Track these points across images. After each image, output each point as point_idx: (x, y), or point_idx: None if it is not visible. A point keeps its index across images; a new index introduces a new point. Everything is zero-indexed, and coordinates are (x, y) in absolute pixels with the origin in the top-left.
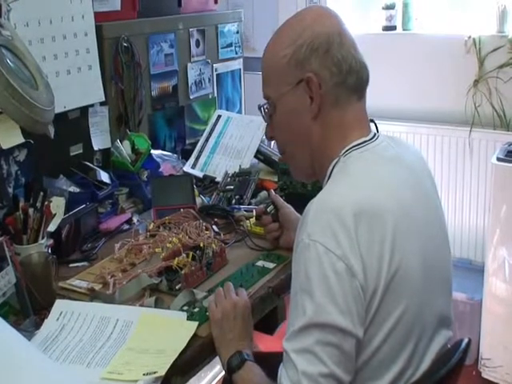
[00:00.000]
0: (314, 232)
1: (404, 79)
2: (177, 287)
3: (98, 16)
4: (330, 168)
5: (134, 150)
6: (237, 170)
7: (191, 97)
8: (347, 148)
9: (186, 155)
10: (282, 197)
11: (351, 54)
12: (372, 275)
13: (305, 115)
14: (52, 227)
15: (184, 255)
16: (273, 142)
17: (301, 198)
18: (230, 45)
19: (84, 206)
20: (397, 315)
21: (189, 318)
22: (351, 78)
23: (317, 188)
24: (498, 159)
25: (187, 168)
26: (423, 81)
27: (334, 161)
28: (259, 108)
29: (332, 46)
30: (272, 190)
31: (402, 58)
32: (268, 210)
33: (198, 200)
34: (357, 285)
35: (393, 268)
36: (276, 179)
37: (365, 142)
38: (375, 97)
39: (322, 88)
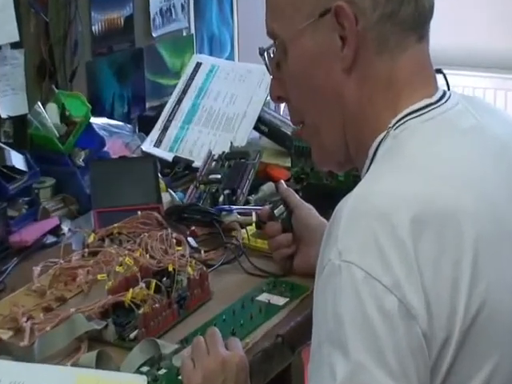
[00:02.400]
0: (349, 248)
1: (486, 8)
2: (131, 336)
3: None
4: (374, 147)
5: (64, 117)
6: (227, 150)
7: (154, 34)
8: (401, 116)
9: (145, 126)
10: (297, 192)
11: None
12: (442, 316)
13: (332, 66)
14: None
15: (143, 285)
16: (283, 106)
17: (327, 195)
18: None
19: None
20: (483, 377)
21: None
22: (407, 8)
23: (352, 178)
24: None
25: (148, 147)
26: None
27: (380, 136)
28: (261, 53)
29: None
30: (282, 182)
31: None
32: (276, 212)
33: (166, 197)
34: (417, 332)
35: (475, 304)
36: (288, 164)
37: (429, 105)
38: (442, 36)
39: (359, 23)
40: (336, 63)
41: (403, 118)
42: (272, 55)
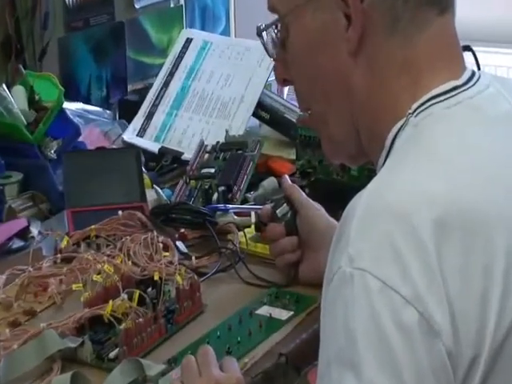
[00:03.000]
0: (362, 253)
1: None
2: (111, 355)
3: None
4: (391, 138)
5: (32, 102)
6: (222, 140)
7: (137, 5)
8: (422, 101)
9: (127, 112)
10: (303, 189)
11: None
12: (469, 332)
13: (337, 49)
14: None
15: (124, 296)
16: (287, 88)
17: (338, 192)
18: None
19: None
20: None
21: None
22: None
23: (367, 173)
24: None
25: (130, 136)
26: None
27: (398, 125)
28: (260, 32)
29: None
30: (286, 177)
31: None
32: (278, 212)
33: (151, 195)
34: (440, 350)
35: (507, 318)
36: (293, 156)
37: (455, 88)
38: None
39: (364, 0)
40: (341, 46)
41: (425, 102)
42: (275, 34)
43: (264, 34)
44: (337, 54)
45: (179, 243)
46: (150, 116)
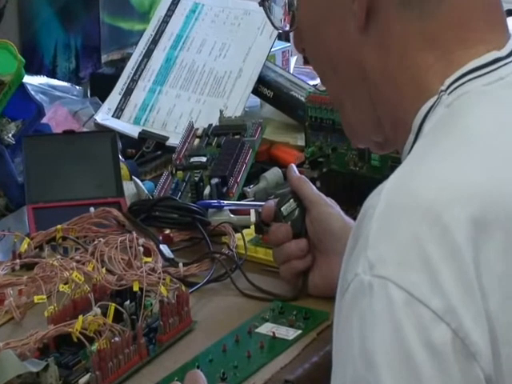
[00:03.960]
0: (384, 258)
1: None
2: (81, 381)
3: None
4: (419, 119)
5: None
6: (215, 123)
7: None
8: (457, 75)
9: (101, 89)
10: (314, 182)
11: None
12: None
13: (344, 24)
14: None
15: (97, 311)
16: (294, 60)
17: (355, 186)
18: None
19: None
20: None
21: None
22: None
23: (391, 162)
24: None
25: (105, 117)
26: None
27: (428, 104)
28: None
29: None
30: (293, 167)
31: None
32: (284, 210)
33: (129, 188)
34: (477, 375)
35: None
36: (301, 142)
37: (496, 60)
38: None
39: None
40: (349, 21)
41: (460, 78)
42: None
43: (267, 2)
44: (344, 29)
45: (163, 247)
46: (128, 93)
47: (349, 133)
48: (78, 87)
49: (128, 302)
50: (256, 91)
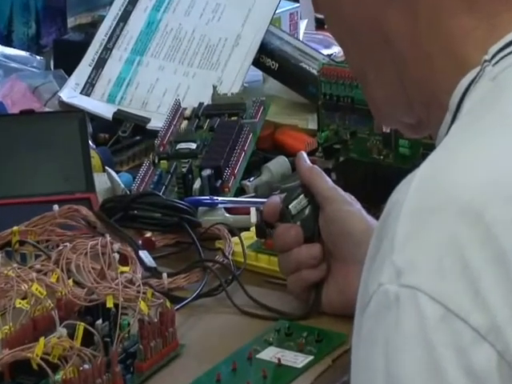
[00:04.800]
0: (413, 263)
1: None
2: None
3: None
4: (458, 95)
5: None
6: (208, 101)
7: None
8: (503, 43)
9: (67, 59)
10: (328, 173)
11: None
12: None
13: None
14: None
15: (63, 331)
16: (304, 23)
17: (379, 178)
18: None
19: None
20: None
21: None
22: None
23: (423, 149)
24: None
25: (71, 94)
26: None
27: (468, 76)
28: None
29: None
30: (303, 156)
31: None
32: (292, 208)
33: (102, 181)
34: None
35: None
36: (313, 125)
37: None
38: None
39: None
40: None
41: (507, 46)
42: None
43: None
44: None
45: (144, 253)
46: (100, 65)
47: (374, 112)
48: (38, 57)
49: (100, 321)
50: (257, 62)
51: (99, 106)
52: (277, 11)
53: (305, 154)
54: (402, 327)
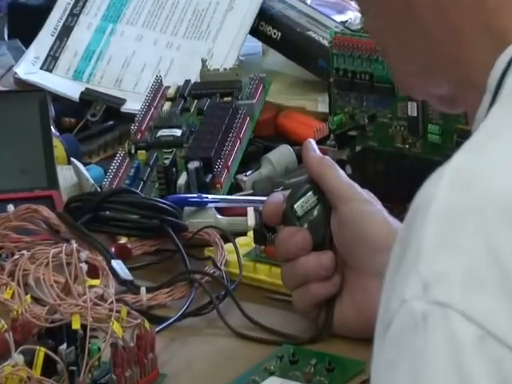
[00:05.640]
0: (444, 275)
1: None
2: None
3: None
4: (497, 74)
5: None
6: (196, 79)
7: None
8: None
9: (24, 27)
10: (342, 165)
11: None
12: None
13: None
14: None
15: (19, 358)
16: None
17: (403, 171)
18: None
19: None
20: None
21: None
22: None
23: (456, 136)
24: None
25: (29, 69)
26: None
27: (508, 53)
28: None
29: None
30: (312, 144)
31: None
32: (297, 208)
33: (67, 176)
34: None
35: None
36: (323, 108)
37: None
38: None
39: None
40: None
41: None
42: None
43: None
44: None
45: (117, 263)
46: (64, 34)
47: (398, 85)
48: None
49: (64, 346)
50: (256, 31)
51: (63, 83)
52: None
53: (313, 143)
54: (430, 354)
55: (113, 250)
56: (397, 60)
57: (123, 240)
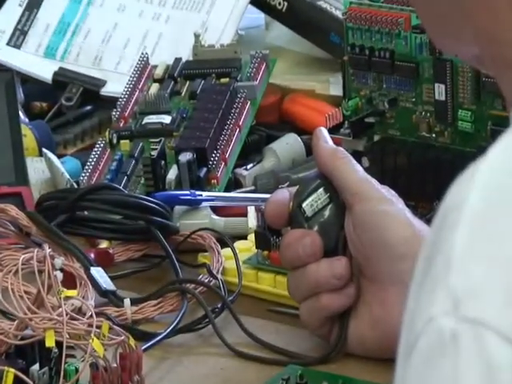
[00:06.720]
0: (477, 287)
1: None
2: None
3: None
4: None
5: None
6: (188, 57)
7: None
8: None
9: None
10: (358, 158)
11: None
12: None
13: None
14: None
15: None
16: None
17: (430, 165)
18: None
19: None
20: None
21: None
22: None
23: (491, 127)
24: None
25: None
26: None
27: None
28: None
29: None
30: (323, 133)
31: None
32: (306, 207)
33: (38, 169)
34: None
35: None
36: (336, 90)
37: None
38: None
39: None
40: None
41: None
42: None
43: None
44: None
45: (97, 271)
46: (34, 4)
47: (432, 41)
48: None
49: (37, 366)
50: (258, 1)
51: (34, 62)
52: None
53: (325, 131)
54: (462, 378)
55: (92, 255)
56: (426, 23)
57: (104, 244)
